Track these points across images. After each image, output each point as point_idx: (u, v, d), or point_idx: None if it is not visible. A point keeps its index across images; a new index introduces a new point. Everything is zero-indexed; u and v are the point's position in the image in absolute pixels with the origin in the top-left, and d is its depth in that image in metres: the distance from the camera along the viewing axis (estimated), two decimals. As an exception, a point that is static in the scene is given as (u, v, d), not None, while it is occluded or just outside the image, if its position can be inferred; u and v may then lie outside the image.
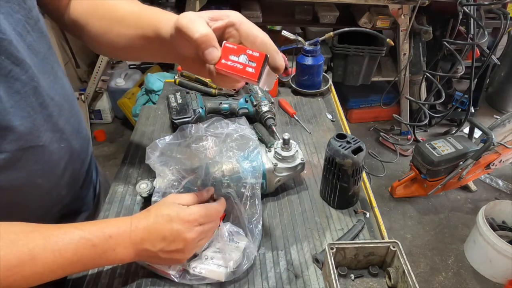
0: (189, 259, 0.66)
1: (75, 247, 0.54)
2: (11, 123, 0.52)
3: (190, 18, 0.53)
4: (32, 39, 0.56)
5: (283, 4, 2.43)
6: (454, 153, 1.98)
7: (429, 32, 2.32)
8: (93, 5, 0.68)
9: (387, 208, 2.26)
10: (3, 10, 0.51)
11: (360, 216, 0.81)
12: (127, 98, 2.58)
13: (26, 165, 0.57)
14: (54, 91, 0.61)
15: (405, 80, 2.52)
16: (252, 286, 0.67)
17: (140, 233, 0.59)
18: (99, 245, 0.56)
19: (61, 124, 0.63)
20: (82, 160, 0.73)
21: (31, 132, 0.55)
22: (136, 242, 0.59)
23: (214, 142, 0.72)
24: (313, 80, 1.19)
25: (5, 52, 0.50)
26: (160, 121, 1.06)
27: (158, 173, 0.72)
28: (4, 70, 0.50)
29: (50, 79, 0.60)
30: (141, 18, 0.63)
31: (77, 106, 0.73)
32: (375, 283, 0.68)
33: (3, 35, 0.49)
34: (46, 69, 0.60)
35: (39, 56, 0.58)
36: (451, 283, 1.88)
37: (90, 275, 0.67)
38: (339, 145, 0.75)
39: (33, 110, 0.55)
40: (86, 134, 0.76)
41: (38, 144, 0.57)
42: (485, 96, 3.17)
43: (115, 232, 0.58)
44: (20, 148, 0.54)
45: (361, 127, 2.90)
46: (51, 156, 0.61)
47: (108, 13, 0.66)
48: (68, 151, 0.66)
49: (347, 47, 2.39)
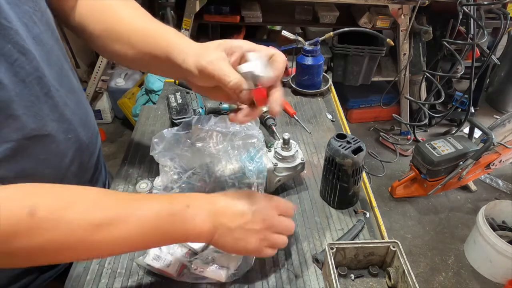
0: (190, 258, 0.66)
1: (156, 215, 0.53)
2: (15, 112, 0.52)
3: (215, 62, 0.54)
4: (38, 31, 0.57)
5: (283, 4, 2.44)
6: (454, 153, 1.98)
7: (429, 32, 2.32)
8: (98, 12, 0.67)
9: (387, 208, 2.26)
10: (10, 0, 0.51)
11: (360, 216, 0.81)
12: (127, 98, 2.58)
13: (32, 154, 0.57)
14: (59, 83, 0.61)
15: (405, 80, 2.52)
16: (252, 286, 0.67)
17: (219, 207, 0.58)
18: (178, 214, 0.54)
19: (67, 114, 0.63)
20: (91, 153, 0.73)
21: (35, 121, 0.56)
22: (215, 213, 0.57)
23: (219, 138, 0.72)
24: (313, 80, 1.19)
25: (11, 41, 0.50)
26: (160, 121, 1.06)
27: (161, 166, 0.72)
28: (10, 58, 0.51)
29: (55, 70, 0.61)
30: (150, 38, 0.63)
31: (85, 100, 0.73)
32: (375, 283, 0.68)
33: (10, 24, 0.50)
34: (52, 60, 0.60)
35: (45, 47, 0.58)
36: (451, 283, 1.88)
37: (90, 275, 0.67)
38: (339, 145, 0.75)
39: (37, 99, 0.56)
40: (94, 128, 0.76)
41: (43, 133, 0.58)
42: (485, 96, 3.17)
43: (193, 203, 0.56)
44: (25, 137, 0.55)
45: (361, 127, 2.90)
46: (58, 146, 0.61)
47: (112, 24, 0.66)
48: (75, 142, 0.66)
49: (347, 47, 2.39)
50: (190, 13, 2.15)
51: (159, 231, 0.53)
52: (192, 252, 0.68)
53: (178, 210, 0.55)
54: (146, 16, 0.67)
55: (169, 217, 0.54)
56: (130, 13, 0.67)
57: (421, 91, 2.65)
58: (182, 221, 0.55)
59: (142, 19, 0.66)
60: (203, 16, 2.27)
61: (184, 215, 0.55)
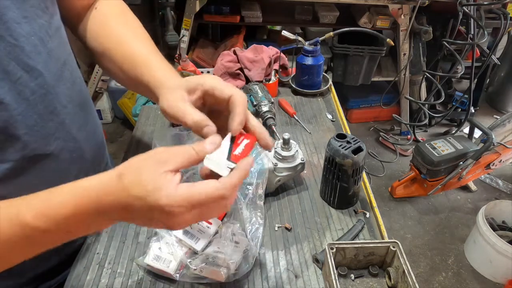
0: (190, 258, 0.66)
1: None
2: (17, 131, 0.52)
3: (173, 105, 0.52)
4: (53, 45, 0.57)
5: (283, 4, 2.44)
6: (454, 153, 1.98)
7: (429, 32, 2.32)
8: (100, 32, 0.68)
9: (387, 208, 2.26)
10: (28, 14, 0.51)
11: (360, 216, 0.81)
12: (127, 98, 2.58)
13: (32, 174, 0.56)
14: (68, 98, 0.61)
15: (405, 80, 2.52)
16: (252, 286, 0.67)
17: (108, 209, 0.44)
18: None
19: (74, 132, 0.62)
20: (95, 167, 0.72)
21: (37, 140, 0.55)
22: (104, 217, 0.46)
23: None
24: (313, 80, 1.19)
25: (16, 59, 0.50)
26: (160, 121, 1.06)
27: None
28: (14, 76, 0.50)
29: (66, 86, 0.60)
30: (138, 68, 0.62)
31: (94, 112, 0.73)
32: (375, 283, 0.68)
33: (16, 41, 0.50)
34: (64, 75, 0.60)
35: (59, 62, 0.58)
36: (451, 283, 1.88)
37: (90, 275, 0.67)
38: (339, 145, 0.75)
39: (40, 118, 0.55)
40: (102, 141, 0.75)
41: (45, 152, 0.57)
42: (485, 96, 3.17)
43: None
44: (24, 157, 0.54)
45: (361, 127, 2.90)
46: (59, 165, 0.60)
47: (110, 48, 0.66)
48: (79, 159, 0.65)
49: (347, 47, 2.39)
50: (190, 13, 2.15)
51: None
52: (192, 252, 0.68)
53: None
54: (143, 42, 0.66)
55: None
56: (128, 38, 0.66)
57: (421, 91, 2.65)
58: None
59: (139, 45, 0.65)
60: (203, 16, 2.27)
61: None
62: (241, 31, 2.41)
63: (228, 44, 2.37)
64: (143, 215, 0.44)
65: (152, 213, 0.43)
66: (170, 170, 0.44)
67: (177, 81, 0.56)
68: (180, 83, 0.55)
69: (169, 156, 0.45)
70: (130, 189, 0.43)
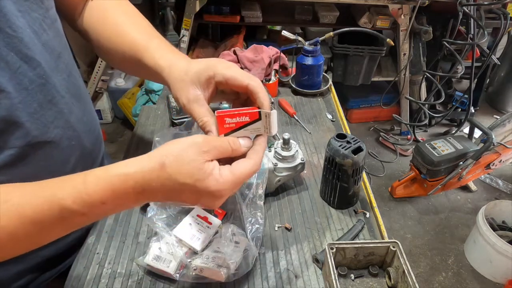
0: (190, 258, 0.66)
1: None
2: (19, 119, 0.53)
3: (188, 105, 0.56)
4: (47, 38, 0.58)
5: (283, 4, 2.44)
6: (454, 153, 1.98)
7: (429, 32, 2.32)
8: (99, 20, 0.69)
9: (387, 208, 2.26)
10: (22, 8, 0.53)
11: (360, 216, 0.81)
12: (127, 98, 2.58)
13: (34, 161, 0.58)
14: (65, 89, 0.62)
15: (405, 80, 2.52)
16: (252, 286, 0.67)
17: (150, 195, 0.48)
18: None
19: (72, 121, 0.64)
20: (93, 159, 0.74)
21: (38, 128, 0.57)
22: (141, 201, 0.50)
23: None
24: (313, 80, 1.19)
25: (14, 49, 0.52)
26: (160, 121, 1.06)
27: None
28: (13, 66, 0.52)
29: (63, 77, 0.62)
30: (138, 53, 0.63)
31: (91, 107, 0.74)
32: (375, 283, 0.68)
33: (14, 33, 0.51)
34: (60, 67, 0.61)
35: (53, 54, 0.60)
36: (451, 283, 1.88)
37: (90, 275, 0.67)
38: (339, 145, 0.75)
39: (40, 106, 0.57)
40: (99, 135, 0.77)
41: (46, 140, 0.59)
42: (485, 96, 3.17)
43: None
44: (28, 144, 0.56)
45: (361, 127, 2.90)
46: (60, 153, 0.62)
47: (111, 39, 0.67)
48: (78, 148, 0.66)
49: (347, 47, 2.39)
50: (190, 13, 2.15)
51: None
52: (192, 252, 0.68)
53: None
54: (143, 28, 0.67)
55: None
56: (128, 26, 0.67)
57: (421, 91, 2.64)
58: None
59: (140, 31, 0.66)
60: (203, 16, 2.27)
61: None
62: (241, 31, 2.41)
63: (228, 44, 2.37)
64: (189, 198, 0.49)
65: (201, 197, 0.49)
66: (211, 160, 0.48)
67: (184, 64, 0.57)
68: (191, 77, 0.56)
69: (209, 148, 0.49)
70: (177, 177, 0.46)
